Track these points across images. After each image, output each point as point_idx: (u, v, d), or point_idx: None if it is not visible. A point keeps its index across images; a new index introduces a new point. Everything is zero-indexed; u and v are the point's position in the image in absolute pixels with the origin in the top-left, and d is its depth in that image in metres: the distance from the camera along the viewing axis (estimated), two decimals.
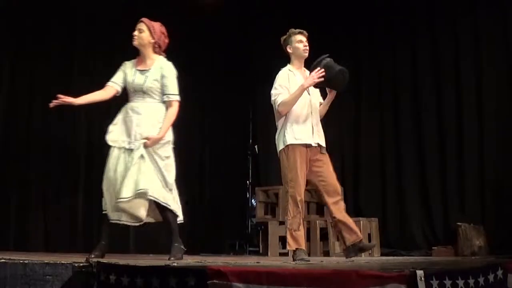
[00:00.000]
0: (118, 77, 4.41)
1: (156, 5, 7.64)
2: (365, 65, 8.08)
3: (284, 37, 4.84)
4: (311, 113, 4.71)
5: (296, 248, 4.51)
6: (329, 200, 4.68)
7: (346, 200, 7.75)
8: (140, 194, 4.08)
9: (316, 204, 7.67)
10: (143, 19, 4.46)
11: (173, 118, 4.34)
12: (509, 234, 6.41)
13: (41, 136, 6.21)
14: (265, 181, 8.38)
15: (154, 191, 4.15)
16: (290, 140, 4.61)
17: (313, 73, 4.53)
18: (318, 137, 4.70)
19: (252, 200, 8.49)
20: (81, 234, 6.36)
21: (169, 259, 3.99)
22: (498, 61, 6.88)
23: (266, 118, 8.69)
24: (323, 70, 4.52)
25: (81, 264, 2.68)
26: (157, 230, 7.32)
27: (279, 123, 4.73)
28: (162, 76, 4.33)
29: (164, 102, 4.34)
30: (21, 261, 2.68)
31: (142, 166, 4.12)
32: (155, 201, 4.21)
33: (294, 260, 4.43)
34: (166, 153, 4.32)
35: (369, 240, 6.99)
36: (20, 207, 6.01)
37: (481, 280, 2.89)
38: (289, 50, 4.79)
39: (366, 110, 7.97)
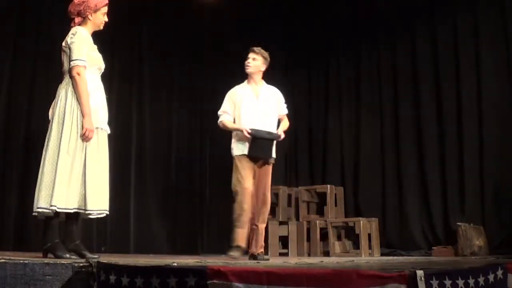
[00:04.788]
0: None
1: (157, 5, 7.66)
2: (365, 65, 8.08)
3: None
4: None
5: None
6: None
7: (346, 200, 7.82)
8: None
9: (316, 204, 7.68)
10: None
11: None
12: (509, 234, 6.41)
13: (41, 136, 6.20)
14: None
15: None
16: None
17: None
18: None
19: None
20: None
21: None
22: (498, 61, 6.87)
23: None
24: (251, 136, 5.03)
25: (81, 264, 2.68)
26: (157, 230, 7.37)
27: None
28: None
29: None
30: (21, 261, 2.68)
31: None
32: None
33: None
34: None
35: (369, 240, 7.01)
36: (20, 207, 6.00)
37: (481, 280, 2.89)
38: None
39: (366, 110, 7.96)
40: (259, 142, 5.02)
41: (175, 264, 2.80)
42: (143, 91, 7.52)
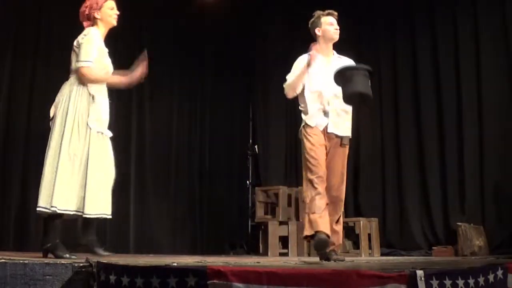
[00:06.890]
0: None
1: (157, 5, 7.66)
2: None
3: (312, 19, 4.65)
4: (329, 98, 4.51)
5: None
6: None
7: (346, 200, 7.79)
8: None
9: None
10: None
11: None
12: (509, 234, 6.41)
13: (41, 136, 6.20)
14: (265, 181, 8.38)
15: None
16: None
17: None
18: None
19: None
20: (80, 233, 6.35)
21: None
22: (498, 61, 6.87)
23: (266, 118, 8.72)
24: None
25: (81, 264, 2.68)
26: (157, 230, 7.37)
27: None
28: None
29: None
30: (21, 261, 2.68)
31: None
32: None
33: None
34: None
35: (369, 240, 7.00)
36: (20, 207, 6.00)
37: (481, 280, 2.89)
38: (317, 33, 4.60)
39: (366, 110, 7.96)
40: (349, 76, 4.19)
41: (175, 264, 2.80)
42: (143, 91, 7.51)
